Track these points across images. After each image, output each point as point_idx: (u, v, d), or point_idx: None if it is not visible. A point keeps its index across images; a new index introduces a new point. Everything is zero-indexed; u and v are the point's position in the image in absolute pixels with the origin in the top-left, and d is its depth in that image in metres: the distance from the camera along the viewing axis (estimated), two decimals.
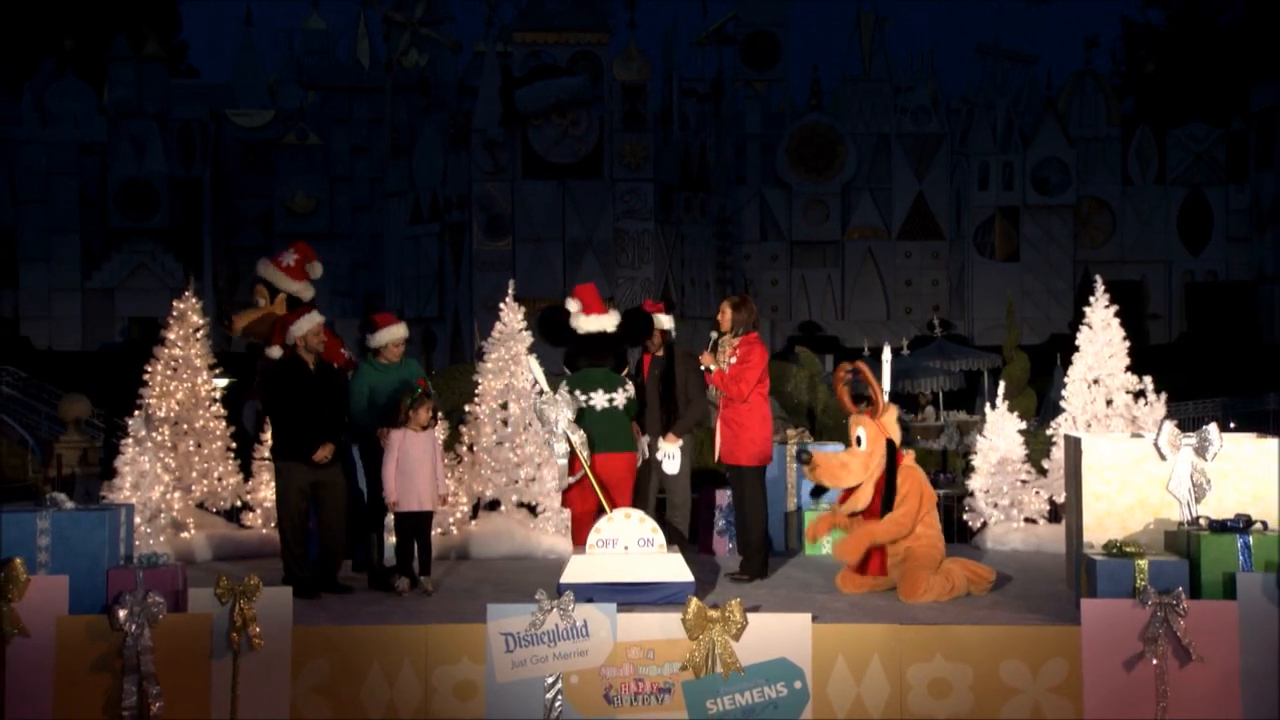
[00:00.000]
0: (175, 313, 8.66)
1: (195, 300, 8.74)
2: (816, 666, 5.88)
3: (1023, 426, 9.00)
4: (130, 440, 7.94)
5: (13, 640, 5.82)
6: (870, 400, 7.07)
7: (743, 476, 7.55)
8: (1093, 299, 8.71)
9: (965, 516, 8.97)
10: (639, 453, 7.81)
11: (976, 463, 8.89)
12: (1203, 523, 6.34)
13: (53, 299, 33.37)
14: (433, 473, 7.29)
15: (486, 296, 25.93)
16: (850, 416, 7.13)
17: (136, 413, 8.19)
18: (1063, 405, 8.77)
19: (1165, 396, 8.56)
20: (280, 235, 31.95)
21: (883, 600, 6.90)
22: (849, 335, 32.67)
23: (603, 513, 6.92)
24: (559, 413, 7.12)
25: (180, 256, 33.24)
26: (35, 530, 6.09)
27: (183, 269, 31.25)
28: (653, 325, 7.89)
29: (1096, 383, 8.64)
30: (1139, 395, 8.58)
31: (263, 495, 8.63)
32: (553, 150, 28.50)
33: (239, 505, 8.75)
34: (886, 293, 35.50)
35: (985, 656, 5.92)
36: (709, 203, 31.50)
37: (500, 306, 8.83)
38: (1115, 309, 8.69)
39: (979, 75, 37.17)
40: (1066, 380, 8.80)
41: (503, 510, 8.65)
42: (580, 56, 29.40)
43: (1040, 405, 14.63)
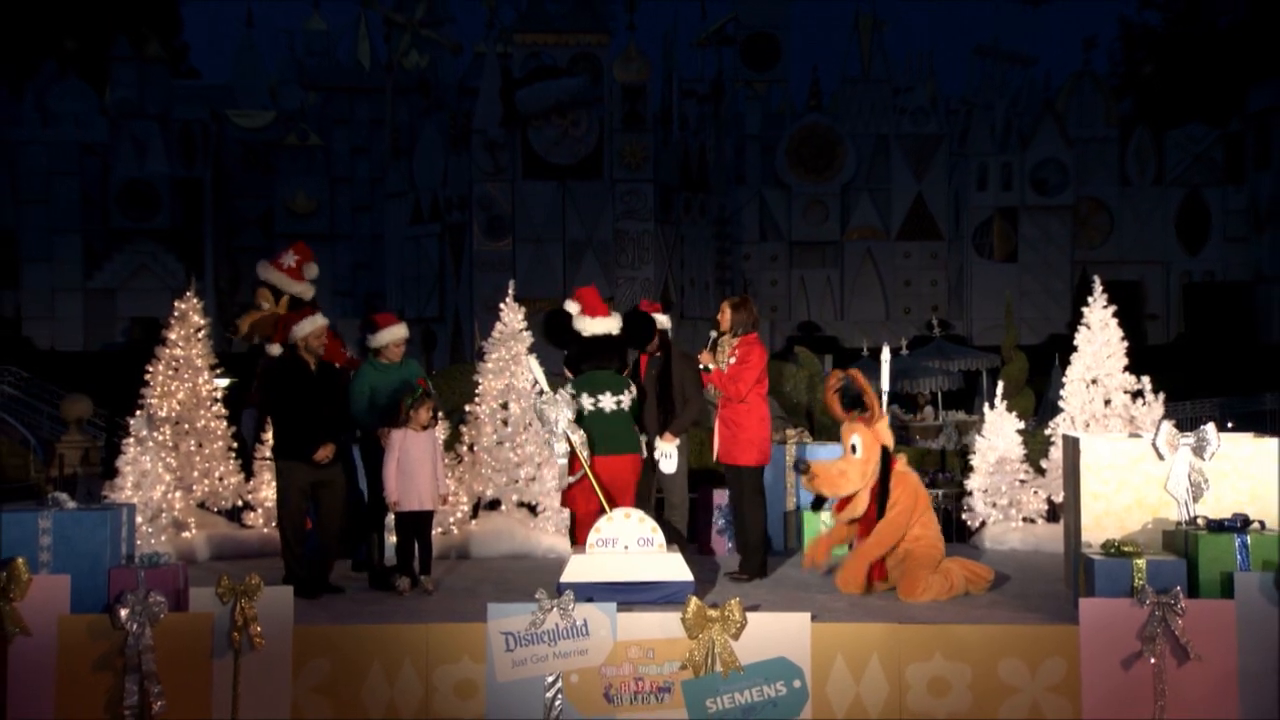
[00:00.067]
0: (176, 313, 8.68)
1: (196, 300, 8.75)
2: (815, 665, 5.89)
3: (1021, 426, 9.02)
4: (132, 440, 7.96)
5: (15, 639, 5.83)
6: (865, 406, 7.08)
7: (741, 476, 7.56)
8: (1091, 299, 8.71)
9: (964, 516, 8.99)
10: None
11: (975, 462, 8.90)
12: (1200, 522, 6.35)
13: (55, 299, 33.38)
14: (433, 472, 7.30)
15: (487, 297, 25.94)
16: (843, 424, 7.13)
17: (138, 412, 8.20)
18: (1061, 405, 8.77)
19: (1163, 396, 8.57)
20: (281, 236, 31.96)
21: (881, 600, 6.91)
22: (848, 335, 32.69)
23: (605, 513, 6.92)
24: (559, 413, 7.13)
25: (181, 257, 33.25)
26: (37, 530, 6.09)
27: (184, 269, 31.25)
28: (655, 327, 7.90)
29: (1095, 383, 8.65)
30: (1137, 395, 8.59)
31: (264, 495, 8.65)
32: (553, 151, 28.51)
33: (240, 505, 8.76)
34: (885, 293, 35.52)
35: (984, 656, 5.93)
36: (709, 203, 31.51)
37: (500, 307, 8.84)
38: (1113, 309, 8.69)
39: (978, 76, 37.19)
40: (1065, 380, 8.81)
41: (503, 510, 8.66)
42: (580, 57, 29.41)
43: (1039, 405, 14.64)
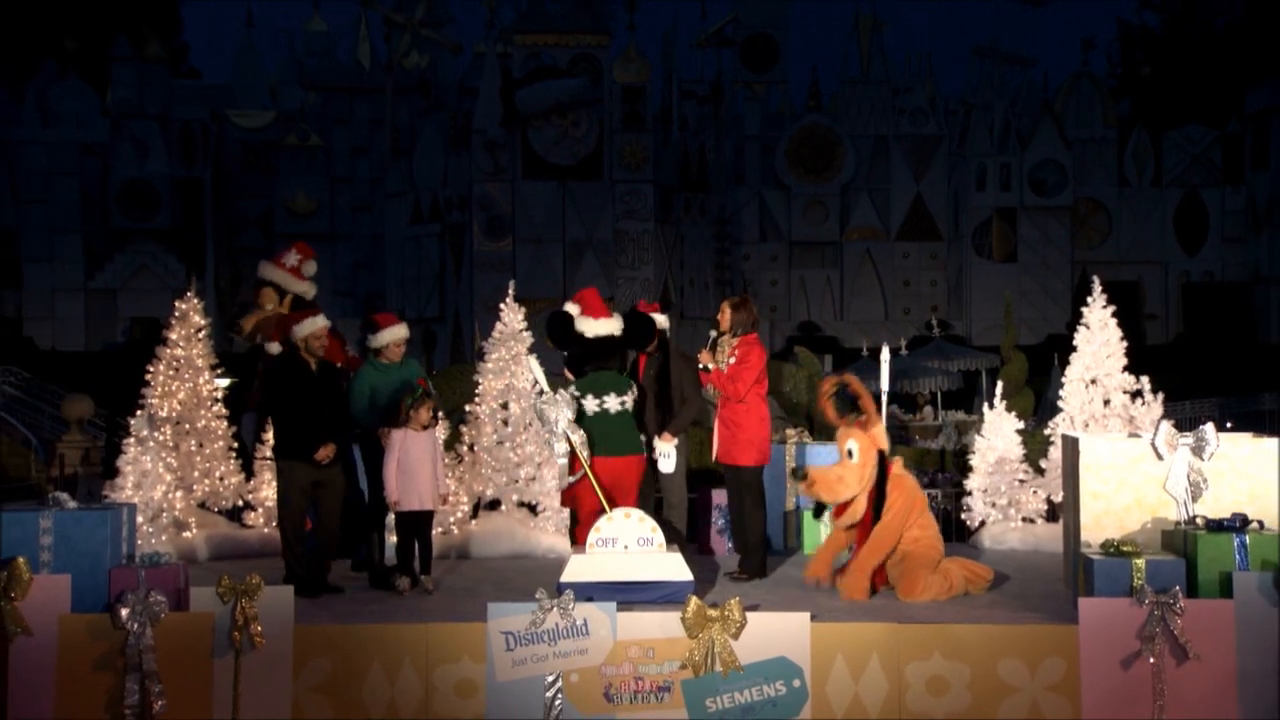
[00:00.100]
0: (177, 313, 8.69)
1: (197, 301, 8.76)
2: (815, 665, 5.90)
3: (1020, 426, 9.03)
4: (132, 440, 7.97)
5: (15, 639, 5.84)
6: (861, 410, 7.07)
7: (741, 476, 7.56)
8: (1090, 299, 8.73)
9: (963, 516, 9.00)
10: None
11: (974, 462, 8.91)
12: (1199, 522, 6.37)
13: (56, 299, 33.39)
14: (433, 472, 7.31)
15: (487, 297, 25.93)
16: (839, 429, 7.13)
17: (139, 412, 8.22)
18: (1060, 405, 8.79)
19: (1162, 396, 8.58)
20: (281, 236, 31.96)
21: (881, 599, 6.92)
22: (847, 335, 32.71)
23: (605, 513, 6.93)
24: (559, 413, 7.12)
25: (182, 257, 33.25)
26: (38, 529, 6.10)
27: (184, 269, 31.25)
28: (654, 327, 7.91)
29: (1094, 383, 8.66)
30: (1136, 395, 8.60)
31: (264, 495, 8.66)
32: (553, 151, 28.51)
33: (240, 505, 8.77)
34: (885, 293, 35.53)
35: (983, 655, 5.94)
36: (708, 203, 31.51)
37: (500, 307, 8.86)
38: (1112, 309, 8.71)
39: (977, 77, 37.19)
40: (1064, 380, 8.82)
41: (503, 510, 8.67)
42: (580, 58, 29.40)
43: (1038, 405, 14.64)
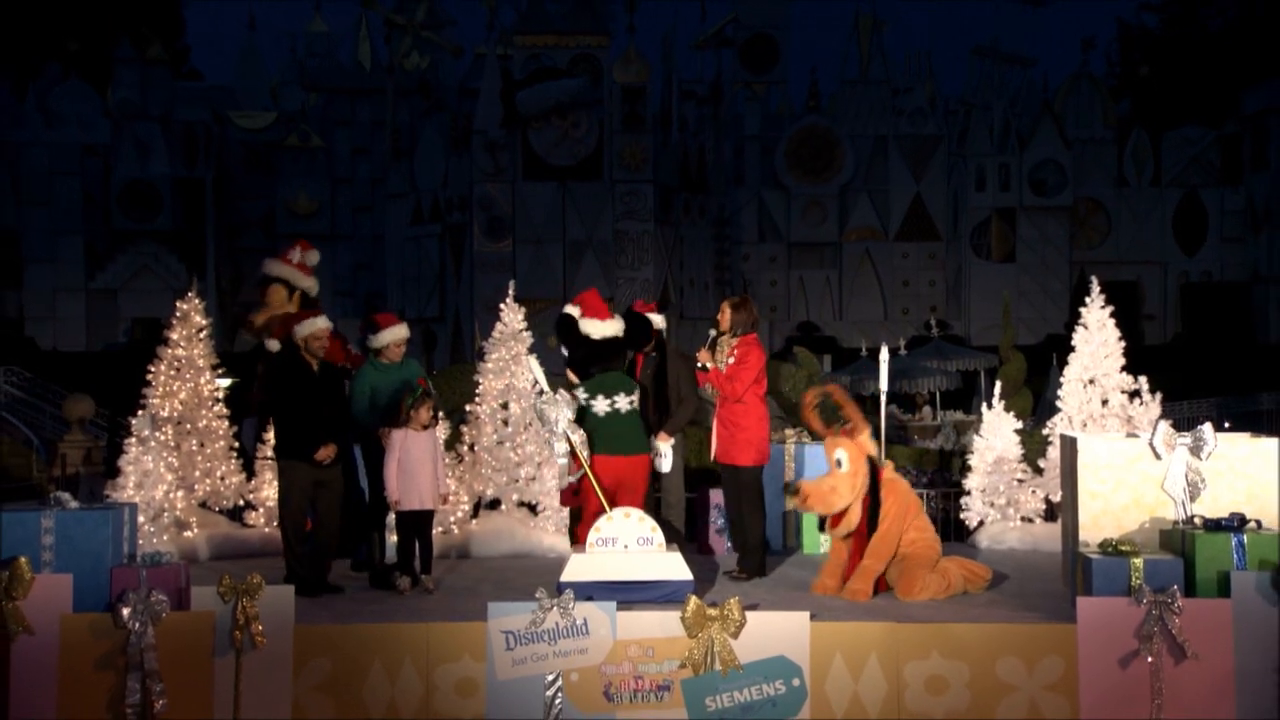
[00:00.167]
0: (178, 313, 8.71)
1: (198, 301, 8.78)
2: (814, 664, 5.92)
3: (1019, 426, 9.05)
4: (134, 440, 7.99)
5: (17, 638, 5.85)
6: (846, 419, 7.07)
7: (740, 476, 7.57)
8: (1088, 299, 8.75)
9: (962, 515, 9.02)
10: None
11: (973, 462, 8.93)
12: (1197, 521, 6.39)
13: (57, 300, 33.42)
14: (434, 472, 7.32)
15: (487, 297, 25.92)
16: (826, 439, 7.14)
17: (140, 412, 8.24)
18: (1059, 405, 8.81)
19: (1160, 396, 8.61)
20: (282, 236, 31.93)
21: (880, 599, 6.94)
22: (847, 336, 32.73)
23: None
24: (559, 412, 7.13)
25: (183, 258, 33.28)
26: (40, 529, 6.12)
27: (186, 270, 31.27)
28: (651, 328, 7.93)
29: (1092, 383, 8.68)
30: (1134, 395, 8.62)
31: (265, 494, 8.68)
32: (553, 152, 28.52)
33: (241, 504, 8.79)
34: (884, 293, 35.55)
35: (982, 654, 5.95)
36: (708, 204, 31.51)
37: (501, 307, 8.88)
38: (1111, 309, 8.73)
39: (976, 77, 37.23)
40: (1062, 380, 8.84)
41: (503, 509, 8.69)
42: (580, 59, 29.40)
43: (1036, 405, 14.66)
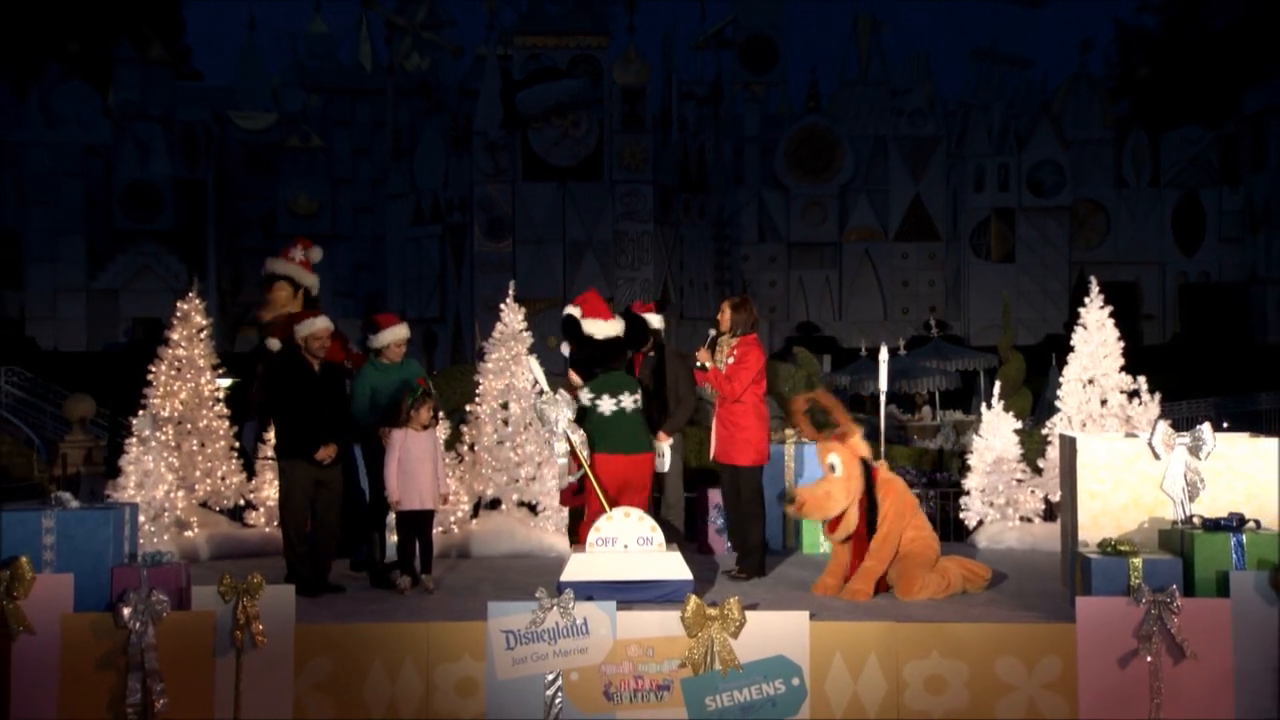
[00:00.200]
0: (179, 313, 8.72)
1: (199, 301, 8.79)
2: (814, 664, 5.93)
3: (1018, 426, 9.05)
4: (134, 440, 8.00)
5: (18, 637, 5.86)
6: (835, 424, 7.07)
7: (739, 476, 7.59)
8: (1087, 300, 8.76)
9: (961, 515, 9.02)
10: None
11: (972, 462, 8.94)
12: (1196, 521, 6.40)
13: (58, 300, 33.46)
14: (434, 472, 7.33)
15: (487, 297, 25.96)
16: (818, 445, 7.16)
17: (141, 412, 8.25)
18: (1058, 405, 8.82)
19: (1159, 396, 8.62)
20: (283, 237, 31.97)
21: (879, 599, 6.94)
22: (846, 336, 32.77)
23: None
24: (559, 413, 7.13)
25: (184, 258, 33.33)
26: (41, 529, 6.13)
27: (186, 270, 31.32)
28: (648, 328, 7.94)
29: (1091, 383, 8.69)
30: (1133, 395, 8.63)
31: (265, 494, 8.69)
32: (553, 152, 28.54)
33: (242, 504, 8.80)
34: (883, 293, 35.59)
35: (981, 654, 5.97)
36: (708, 204, 31.54)
37: (501, 307, 8.89)
38: (1110, 310, 8.74)
39: (975, 78, 37.29)
40: (1061, 380, 8.85)
41: (503, 509, 8.70)
42: (580, 59, 29.43)
43: (1035, 405, 14.68)
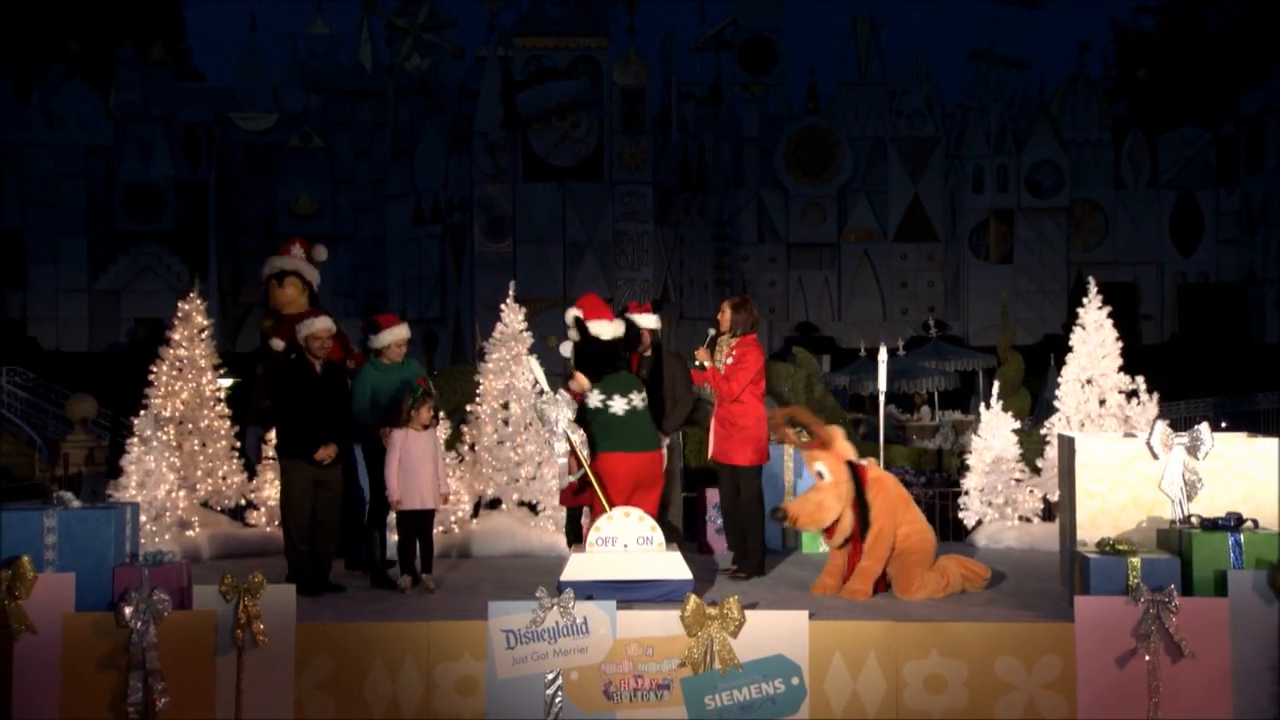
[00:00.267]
0: (180, 314, 8.73)
1: (200, 301, 8.80)
2: (813, 663, 5.94)
3: (1017, 426, 9.07)
4: (136, 439, 8.02)
5: (20, 637, 5.88)
6: (815, 435, 7.08)
7: (738, 476, 7.60)
8: (1086, 300, 8.78)
9: (960, 515, 9.04)
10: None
11: (971, 462, 8.96)
12: (1194, 521, 6.42)
13: (60, 300, 33.48)
14: (434, 471, 7.34)
15: (488, 297, 25.94)
16: (804, 454, 7.18)
17: (142, 412, 8.27)
18: (1056, 405, 8.83)
19: (1157, 396, 8.63)
20: (284, 237, 31.95)
21: (879, 598, 6.96)
22: (845, 336, 32.78)
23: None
24: (559, 412, 7.14)
25: (185, 258, 33.34)
26: (42, 528, 6.14)
27: (188, 271, 31.34)
28: (639, 330, 7.95)
29: (1090, 383, 8.71)
30: (1131, 395, 8.64)
31: (267, 494, 8.71)
32: (553, 153, 28.55)
33: (243, 503, 8.81)
34: (882, 294, 35.60)
35: (980, 653, 5.98)
36: (707, 205, 31.55)
37: (501, 307, 8.92)
38: (1108, 310, 8.76)
39: (973, 80, 37.31)
40: (1060, 380, 8.87)
41: (504, 509, 8.72)
42: (580, 61, 29.43)
43: (1034, 405, 14.70)
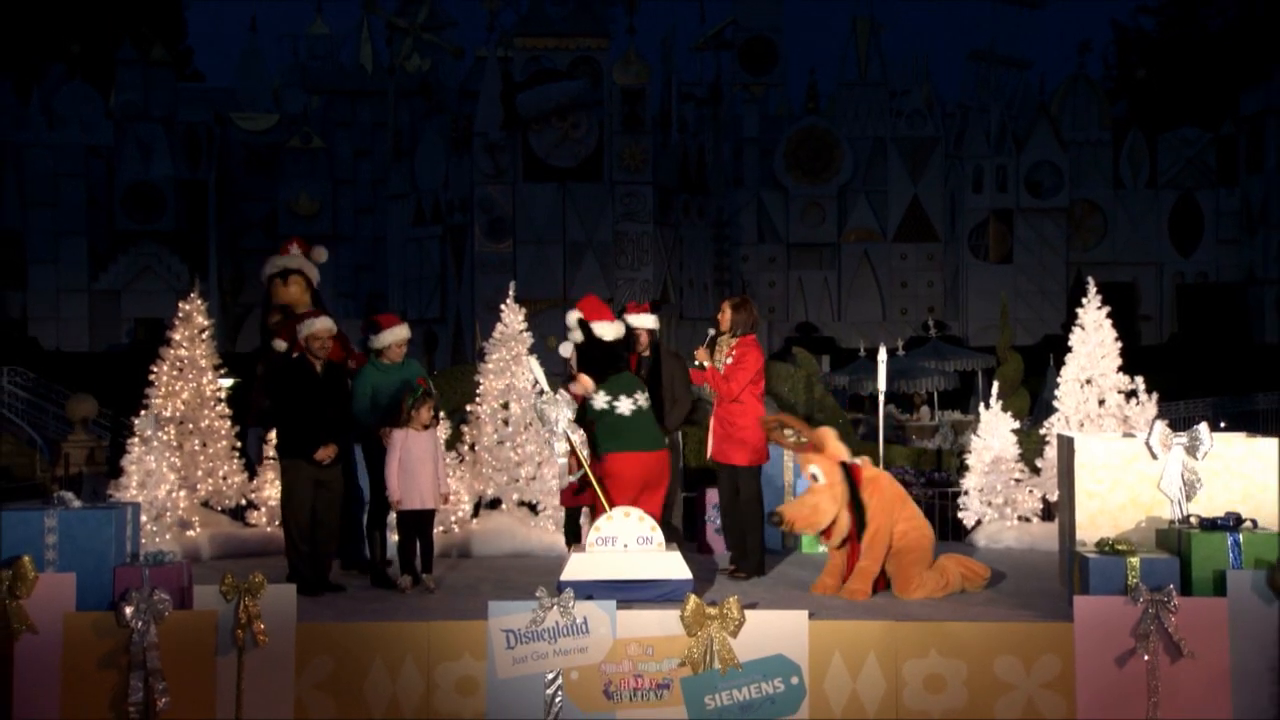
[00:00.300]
0: (181, 314, 8.75)
1: (200, 302, 8.81)
2: (813, 663, 5.95)
3: (1016, 426, 9.08)
4: (136, 439, 8.03)
5: (21, 636, 5.90)
6: (805, 439, 7.09)
7: (738, 476, 7.61)
8: (1085, 300, 8.79)
9: (959, 515, 9.05)
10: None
11: (971, 462, 8.97)
12: (1193, 521, 6.43)
13: (60, 300, 33.50)
14: (435, 471, 7.35)
15: (488, 298, 25.95)
16: (798, 457, 7.19)
17: (143, 412, 8.28)
18: (1056, 405, 8.84)
19: (1156, 396, 8.64)
20: (284, 237, 31.96)
21: (878, 597, 6.97)
22: (845, 336, 32.78)
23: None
24: (559, 412, 7.15)
25: (185, 258, 33.36)
26: (43, 528, 6.16)
27: (188, 271, 31.35)
28: (634, 332, 7.95)
29: (1089, 383, 8.71)
30: (1131, 395, 8.65)
31: (267, 494, 8.72)
32: (553, 153, 28.56)
33: (244, 503, 8.82)
34: (882, 294, 35.61)
35: (979, 652, 6.00)
36: (707, 205, 31.56)
37: (501, 308, 8.93)
38: (1107, 310, 8.77)
39: (973, 80, 37.32)
40: (1059, 380, 8.88)
41: (504, 508, 8.73)
42: (580, 61, 29.44)
43: (1033, 405, 14.70)
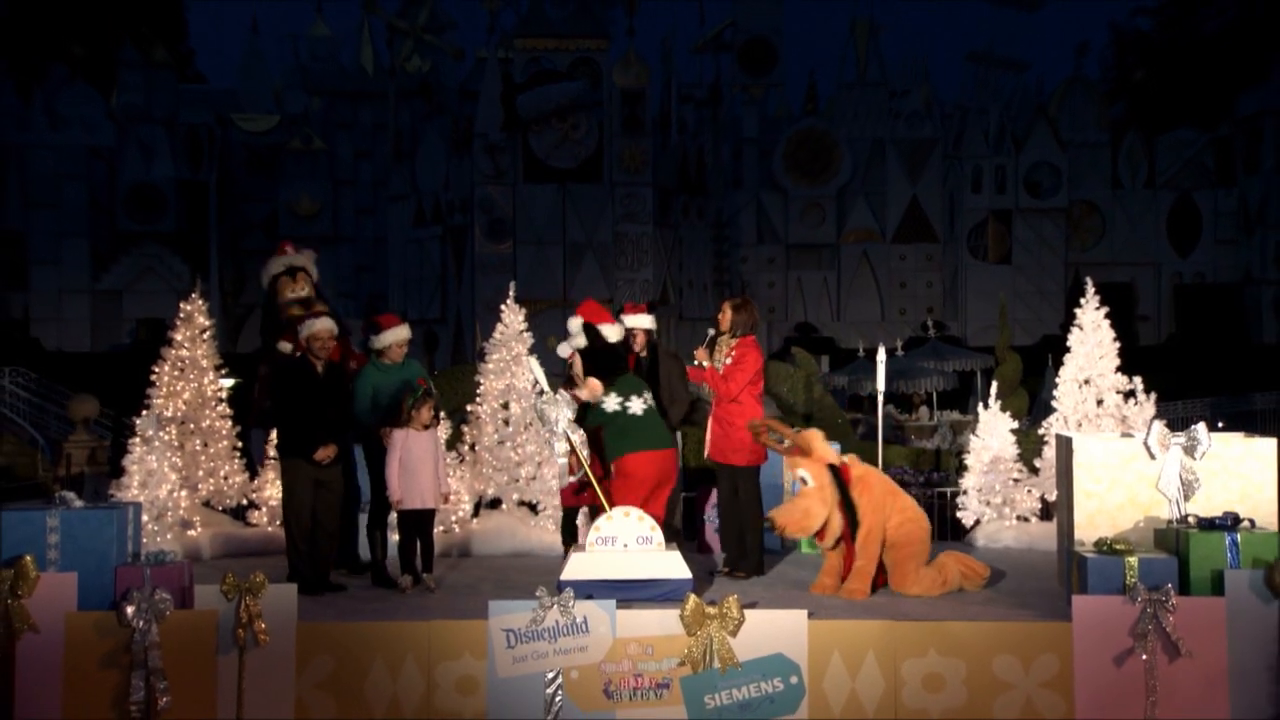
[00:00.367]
0: (182, 314, 8.78)
1: (201, 302, 8.84)
2: (812, 662, 5.97)
3: (1015, 426, 9.09)
4: (138, 440, 8.05)
5: (23, 636, 5.91)
6: (791, 442, 7.11)
7: (737, 476, 7.62)
8: (1083, 300, 8.80)
9: (958, 514, 9.06)
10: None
11: (969, 461, 8.98)
12: (1191, 520, 6.45)
13: (62, 301, 33.54)
14: (435, 471, 7.36)
15: (488, 298, 26.01)
16: (786, 461, 7.21)
17: (144, 412, 8.30)
18: (1054, 405, 8.85)
19: (1154, 396, 8.65)
20: (285, 238, 32.04)
21: (877, 597, 6.99)
22: (844, 336, 32.81)
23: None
24: (559, 412, 7.17)
25: (187, 259, 33.41)
26: (45, 528, 6.18)
27: (189, 271, 31.39)
28: (629, 333, 7.94)
29: (1087, 383, 8.73)
30: (1129, 395, 8.66)
31: (268, 493, 8.74)
32: (553, 154, 28.60)
33: (245, 503, 8.85)
34: (881, 294, 35.64)
35: (978, 652, 6.01)
36: (706, 206, 31.61)
37: (501, 308, 8.95)
38: (1105, 310, 8.78)
39: (972, 81, 37.37)
40: (1058, 380, 8.89)
41: (504, 508, 8.75)
42: (580, 62, 29.48)
43: (1032, 405, 14.72)
